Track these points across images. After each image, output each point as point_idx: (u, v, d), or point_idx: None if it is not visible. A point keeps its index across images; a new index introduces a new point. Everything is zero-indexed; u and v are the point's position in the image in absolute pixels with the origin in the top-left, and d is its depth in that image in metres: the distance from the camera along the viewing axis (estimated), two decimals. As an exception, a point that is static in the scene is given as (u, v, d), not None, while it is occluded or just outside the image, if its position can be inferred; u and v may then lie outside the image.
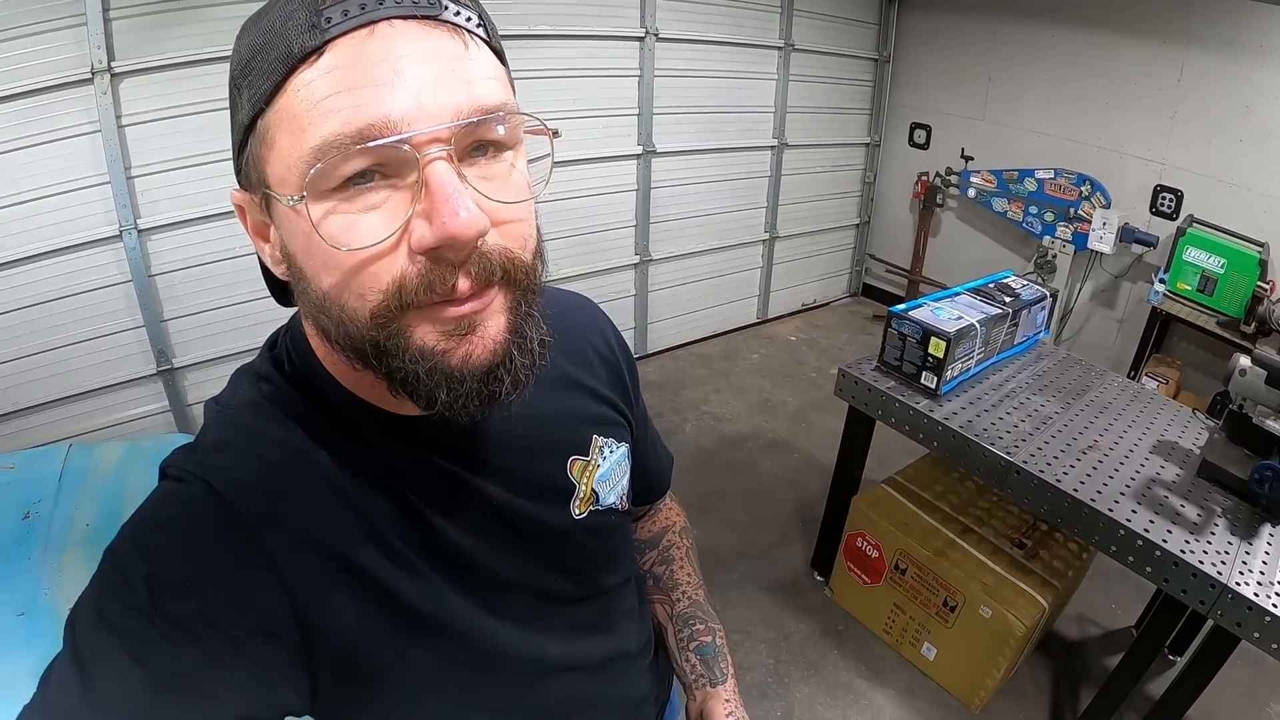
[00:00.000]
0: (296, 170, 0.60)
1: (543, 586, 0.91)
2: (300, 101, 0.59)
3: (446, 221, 0.59)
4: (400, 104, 0.58)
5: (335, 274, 0.63)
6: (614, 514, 1.02)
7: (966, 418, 2.64)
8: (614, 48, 4.49)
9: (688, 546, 1.34)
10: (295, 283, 0.69)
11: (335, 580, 0.72)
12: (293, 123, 0.60)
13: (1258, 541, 2.15)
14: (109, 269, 3.29)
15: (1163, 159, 4.74)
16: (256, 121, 0.63)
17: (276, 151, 0.62)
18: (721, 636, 1.21)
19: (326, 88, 0.58)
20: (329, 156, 0.58)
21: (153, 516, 0.70)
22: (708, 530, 3.72)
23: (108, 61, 2.97)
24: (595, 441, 1.00)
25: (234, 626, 0.65)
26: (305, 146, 0.59)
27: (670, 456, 1.33)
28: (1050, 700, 2.92)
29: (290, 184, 0.61)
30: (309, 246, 0.63)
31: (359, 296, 0.63)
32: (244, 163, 0.67)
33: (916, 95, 6.16)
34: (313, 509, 0.72)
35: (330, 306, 0.65)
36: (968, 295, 2.99)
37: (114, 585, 0.64)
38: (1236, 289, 4.12)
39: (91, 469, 2.33)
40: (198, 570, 0.65)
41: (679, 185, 5.22)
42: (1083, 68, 5.02)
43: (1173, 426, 2.75)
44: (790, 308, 6.56)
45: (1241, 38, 4.21)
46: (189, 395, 3.73)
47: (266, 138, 0.63)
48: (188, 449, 0.76)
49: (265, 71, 0.61)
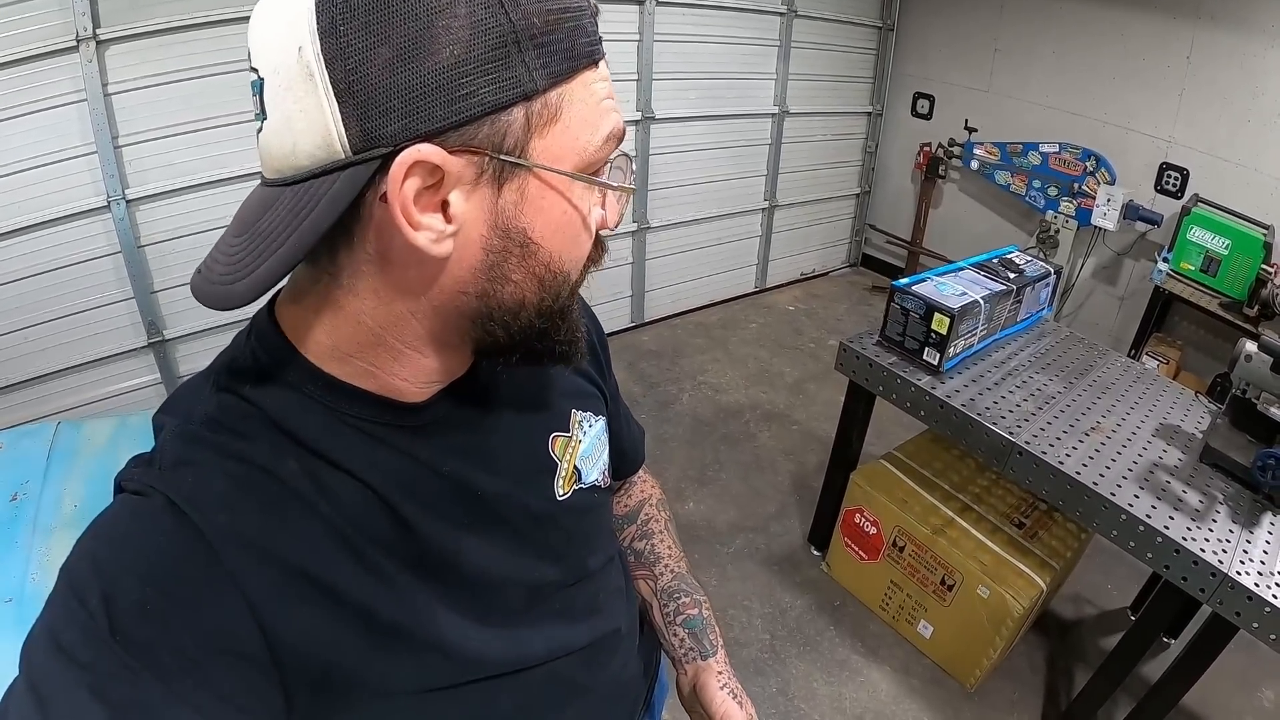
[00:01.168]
0: (581, 152, 0.69)
1: (532, 578, 0.90)
2: (592, 96, 0.68)
3: (624, 207, 0.80)
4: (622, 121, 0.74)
5: (576, 248, 0.74)
6: (597, 492, 1.02)
7: (969, 396, 2.62)
8: (614, 11, 4.44)
9: (666, 519, 1.34)
10: (499, 260, 0.69)
11: (303, 595, 0.69)
12: (583, 109, 0.68)
13: (1259, 530, 2.14)
14: (97, 240, 3.24)
15: (1169, 137, 4.70)
16: (536, 96, 0.64)
17: (564, 126, 0.67)
18: (708, 608, 1.21)
19: (605, 91, 0.70)
20: (607, 149, 0.71)
21: (110, 532, 0.67)
22: (704, 502, 3.72)
23: (93, 29, 2.91)
24: (575, 416, 1.00)
25: (197, 650, 0.62)
26: (599, 135, 0.69)
27: (641, 429, 1.32)
28: (1045, 681, 2.93)
29: (568, 163, 0.68)
30: (562, 221, 0.70)
31: (579, 267, 0.76)
32: (475, 123, 0.61)
33: (920, 64, 6.10)
34: (279, 525, 0.69)
35: (556, 277, 0.73)
36: (971, 270, 2.96)
37: (71, 609, 0.61)
38: (1240, 271, 4.09)
39: (80, 447, 2.30)
40: (159, 591, 0.62)
41: (678, 152, 5.18)
42: (1091, 41, 4.96)
43: (1175, 409, 2.74)
44: (789, 277, 6.53)
45: (1254, 17, 4.16)
46: (180, 367, 3.69)
47: (548, 112, 0.65)
48: (145, 462, 0.73)
49: (566, 53, 0.65)
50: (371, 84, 0.58)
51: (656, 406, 4.50)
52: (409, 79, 0.58)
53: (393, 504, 0.75)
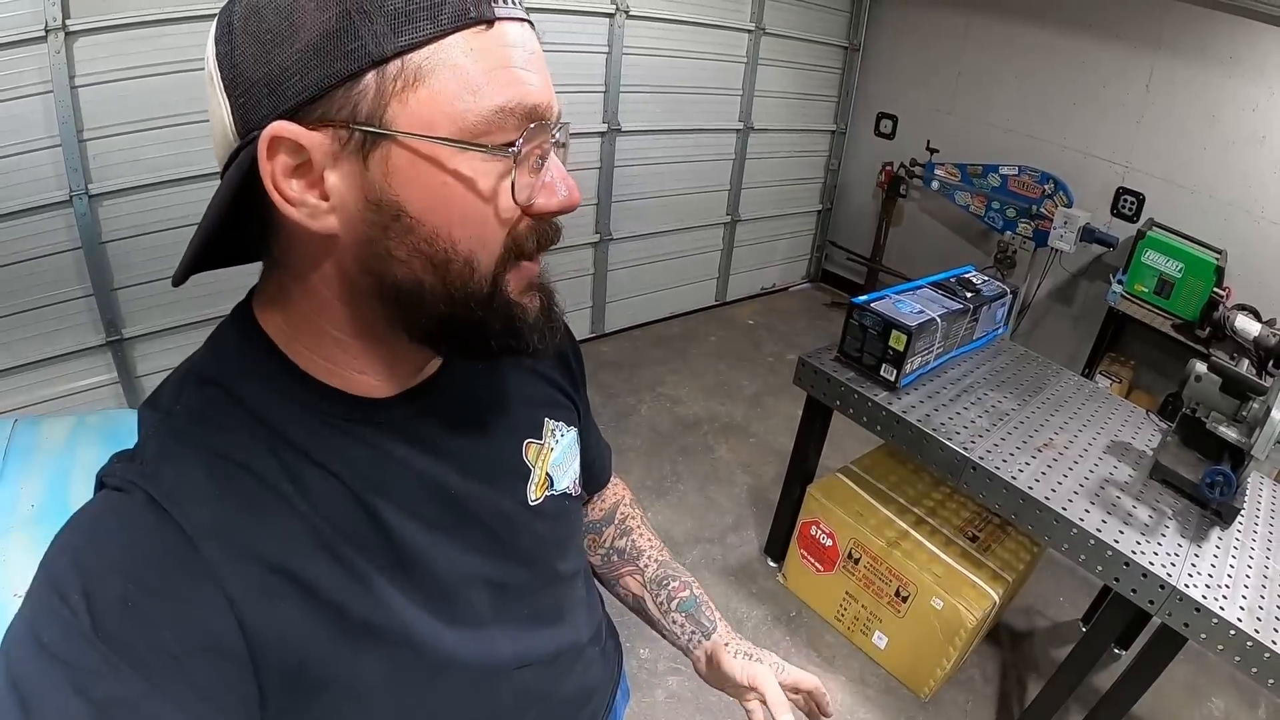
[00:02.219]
0: (461, 118, 0.64)
1: (501, 578, 0.90)
2: (478, 60, 0.64)
3: (571, 193, 0.73)
4: (546, 96, 0.69)
5: (474, 227, 0.68)
6: (568, 499, 1.02)
7: (925, 411, 2.66)
8: (584, 22, 4.44)
9: (640, 515, 1.35)
10: (378, 235, 0.67)
11: (280, 591, 0.69)
12: (465, 78, 0.63)
13: (1207, 545, 2.19)
14: (58, 235, 3.17)
15: (1127, 162, 4.79)
16: (395, 58, 0.62)
17: (431, 95, 0.63)
18: (698, 586, 1.23)
19: (506, 60, 0.65)
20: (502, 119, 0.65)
21: (90, 529, 0.67)
22: (662, 513, 3.73)
23: (62, 19, 2.85)
24: (547, 424, 1.00)
25: (177, 646, 0.63)
26: (484, 101, 0.64)
27: (608, 447, 1.33)
28: (998, 690, 2.97)
29: (441, 129, 0.64)
30: (448, 196, 0.66)
31: (489, 250, 0.70)
32: (326, 95, 0.62)
33: (885, 85, 6.17)
34: (258, 521, 0.70)
35: (453, 259, 0.69)
36: (929, 288, 3.01)
37: (51, 606, 0.61)
38: (1193, 293, 4.18)
39: (38, 445, 2.25)
40: (140, 587, 0.62)
41: (642, 164, 5.18)
42: (1053, 67, 5.06)
43: (1126, 427, 2.79)
44: (749, 291, 6.55)
45: (1211, 47, 4.27)
46: (138, 367, 3.62)
47: (411, 76, 0.62)
48: (127, 458, 0.73)
49: (430, 14, 0.62)
50: (247, 77, 0.63)
51: (615, 417, 4.49)
52: (273, 66, 0.62)
53: (365, 500, 0.76)
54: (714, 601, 1.24)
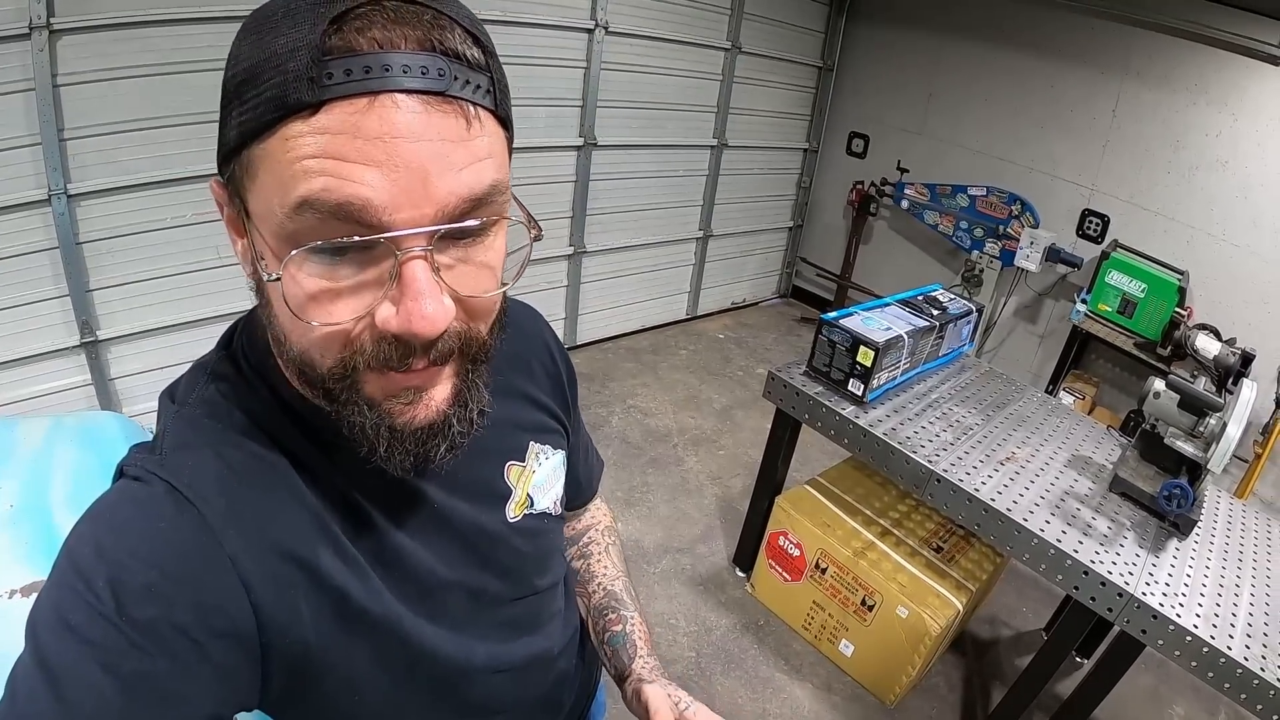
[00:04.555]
0: (274, 219, 0.61)
1: (478, 586, 0.92)
2: (287, 151, 0.58)
3: (413, 320, 0.61)
4: (386, 191, 0.58)
5: (299, 330, 0.65)
6: (547, 518, 1.04)
7: (891, 425, 2.71)
8: (563, 38, 4.47)
9: (608, 543, 1.35)
10: (259, 296, 0.69)
11: (293, 580, 0.72)
12: (276, 168, 0.59)
13: (1164, 555, 2.25)
14: (35, 234, 3.15)
15: (1092, 184, 4.89)
16: (242, 149, 0.62)
17: (259, 186, 0.62)
18: (634, 621, 1.21)
19: (315, 148, 0.57)
20: (307, 218, 0.59)
21: (112, 517, 0.69)
22: (632, 524, 3.76)
23: (46, 17, 2.84)
24: (532, 448, 1.02)
25: (199, 630, 0.65)
26: (287, 199, 0.59)
27: (601, 462, 1.35)
28: (962, 698, 3.02)
29: (268, 226, 0.62)
30: (281, 286, 0.63)
31: (319, 352, 0.66)
32: (230, 169, 0.65)
33: (857, 105, 6.24)
34: (272, 510, 0.73)
35: (290, 346, 0.67)
36: (897, 306, 3.06)
37: (77, 590, 0.63)
38: (1155, 313, 4.28)
39: (14, 446, 2.23)
40: (163, 574, 0.64)
41: (617, 179, 5.22)
42: (1023, 91, 5.15)
43: (1087, 442, 2.86)
44: (720, 305, 6.60)
45: (1177, 75, 4.38)
46: (112, 369, 3.60)
47: (250, 168, 0.62)
48: (147, 448, 0.75)
49: (258, 105, 0.59)
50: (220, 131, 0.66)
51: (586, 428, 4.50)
52: None
53: (354, 501, 0.79)
54: (683, 611, 1.23)
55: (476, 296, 0.68)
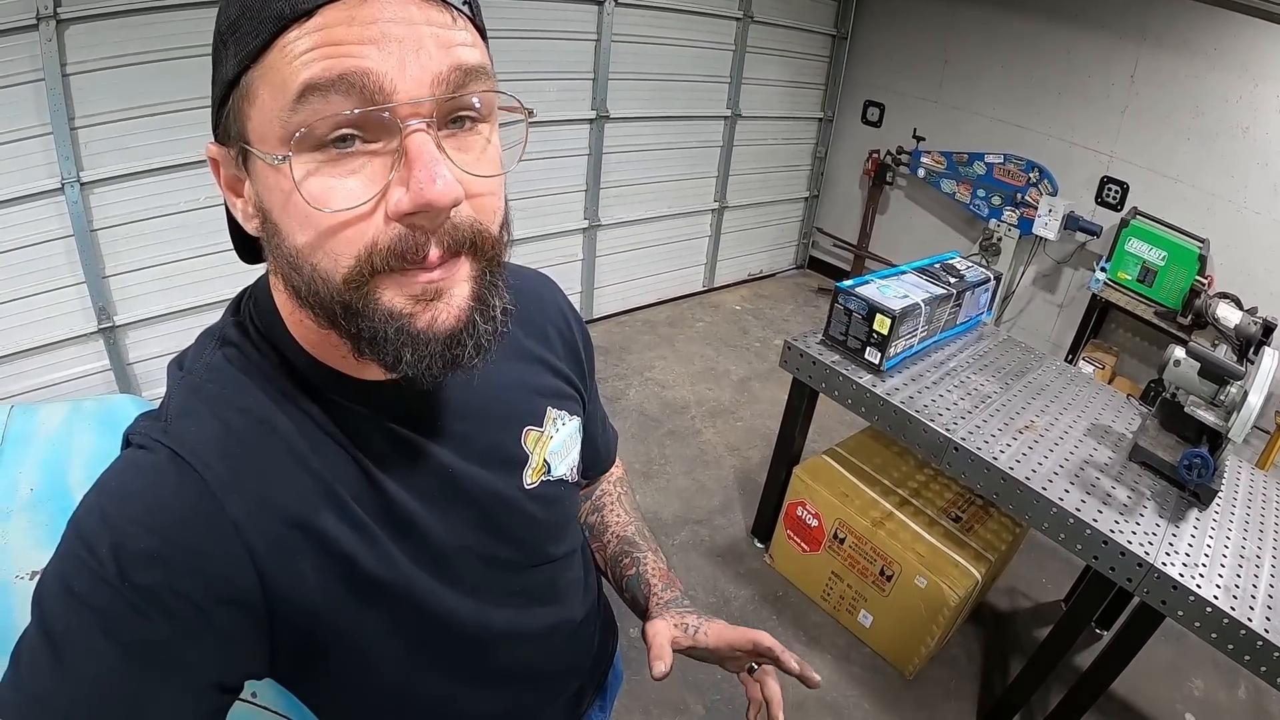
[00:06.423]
0: (279, 123, 0.61)
1: (491, 553, 0.92)
2: (285, 57, 0.60)
3: (424, 188, 0.61)
4: (385, 63, 0.60)
5: (311, 233, 0.64)
6: (564, 485, 1.03)
7: (908, 394, 2.69)
8: (573, 10, 4.45)
9: (619, 493, 1.35)
10: (268, 240, 0.69)
11: (298, 546, 0.72)
12: (276, 77, 0.61)
13: (1184, 525, 2.23)
14: (49, 223, 3.17)
15: (1111, 151, 4.84)
16: (240, 77, 0.63)
17: (259, 107, 0.63)
18: (645, 562, 1.23)
19: (312, 42, 0.59)
20: (311, 103, 0.60)
21: (117, 486, 0.70)
22: (650, 496, 3.77)
23: (53, 7, 2.85)
24: (550, 413, 1.01)
25: (202, 596, 0.65)
26: (287, 97, 0.60)
27: (615, 433, 1.36)
28: (981, 669, 3.02)
29: (271, 140, 0.63)
30: (286, 204, 0.64)
31: (332, 258, 0.65)
32: (224, 117, 0.68)
33: (872, 73, 6.19)
34: (277, 475, 0.72)
35: (302, 265, 0.66)
36: (914, 274, 3.04)
37: (80, 558, 0.64)
38: (1175, 281, 4.23)
39: (35, 432, 2.25)
40: (165, 540, 0.65)
41: (631, 151, 5.21)
42: (1039, 57, 5.09)
43: (1107, 411, 2.83)
44: (736, 277, 6.59)
45: (1196, 40, 4.31)
46: (130, 354, 3.64)
47: (249, 93, 0.63)
48: (152, 416, 0.76)
49: (254, 29, 0.61)
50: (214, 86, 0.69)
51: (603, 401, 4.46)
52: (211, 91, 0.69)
53: (367, 469, 0.78)
54: (702, 582, 1.23)
55: (479, 176, 0.68)
